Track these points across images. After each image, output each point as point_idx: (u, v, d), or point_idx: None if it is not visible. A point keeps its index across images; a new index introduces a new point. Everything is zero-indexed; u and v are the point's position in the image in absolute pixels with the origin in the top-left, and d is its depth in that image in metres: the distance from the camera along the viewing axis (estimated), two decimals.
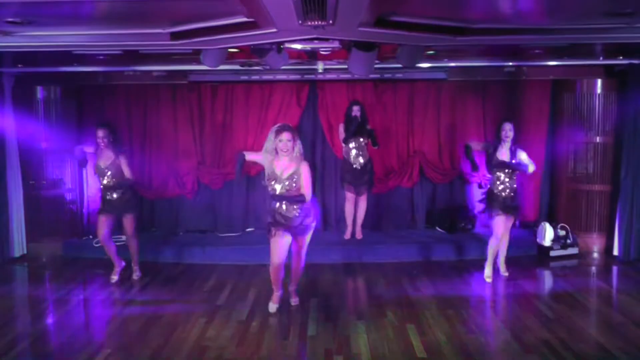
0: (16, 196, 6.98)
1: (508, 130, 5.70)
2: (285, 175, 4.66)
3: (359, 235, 7.24)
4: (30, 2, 3.53)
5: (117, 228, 6.19)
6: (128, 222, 6.01)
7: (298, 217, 4.74)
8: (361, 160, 6.97)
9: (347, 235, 7.30)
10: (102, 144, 5.80)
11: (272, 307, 5.05)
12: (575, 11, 4.11)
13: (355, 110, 6.87)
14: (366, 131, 6.92)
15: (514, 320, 4.85)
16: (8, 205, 6.84)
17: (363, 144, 6.96)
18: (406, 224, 7.84)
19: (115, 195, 5.87)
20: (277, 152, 4.67)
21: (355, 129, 6.84)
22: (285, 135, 4.62)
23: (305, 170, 4.68)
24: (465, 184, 7.79)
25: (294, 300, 5.24)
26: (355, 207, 7.20)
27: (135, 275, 6.14)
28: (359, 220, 7.22)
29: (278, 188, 4.68)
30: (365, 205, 7.19)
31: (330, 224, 7.82)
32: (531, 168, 5.77)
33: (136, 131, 7.68)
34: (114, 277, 6.03)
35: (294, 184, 4.66)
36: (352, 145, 6.95)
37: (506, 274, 6.04)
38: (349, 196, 7.17)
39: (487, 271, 5.93)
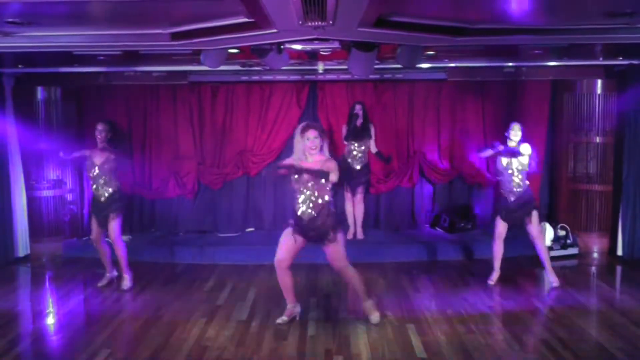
0: (19, 197, 6.98)
1: (517, 130, 5.56)
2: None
3: (360, 235, 7.24)
4: (30, 2, 3.53)
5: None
6: (112, 225, 5.68)
7: (316, 219, 4.45)
8: (360, 164, 7.02)
9: (349, 236, 7.28)
10: (99, 138, 5.67)
11: (281, 319, 4.75)
12: (575, 11, 4.11)
13: (358, 109, 6.94)
14: (368, 134, 6.96)
15: (514, 320, 4.84)
16: (11, 206, 6.84)
17: (364, 148, 7.00)
18: (406, 224, 7.83)
19: (104, 196, 5.69)
20: (304, 153, 4.46)
21: (356, 128, 6.88)
22: (312, 133, 4.42)
23: (332, 165, 4.39)
24: (466, 183, 7.79)
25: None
26: (353, 208, 7.22)
27: (125, 285, 5.74)
28: (359, 221, 7.23)
29: (305, 188, 4.42)
30: (363, 206, 7.20)
31: None
32: (527, 150, 5.54)
33: (136, 132, 7.69)
34: (103, 282, 5.85)
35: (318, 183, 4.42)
36: (353, 147, 6.99)
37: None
38: (348, 196, 7.20)
39: (494, 275, 5.80)
